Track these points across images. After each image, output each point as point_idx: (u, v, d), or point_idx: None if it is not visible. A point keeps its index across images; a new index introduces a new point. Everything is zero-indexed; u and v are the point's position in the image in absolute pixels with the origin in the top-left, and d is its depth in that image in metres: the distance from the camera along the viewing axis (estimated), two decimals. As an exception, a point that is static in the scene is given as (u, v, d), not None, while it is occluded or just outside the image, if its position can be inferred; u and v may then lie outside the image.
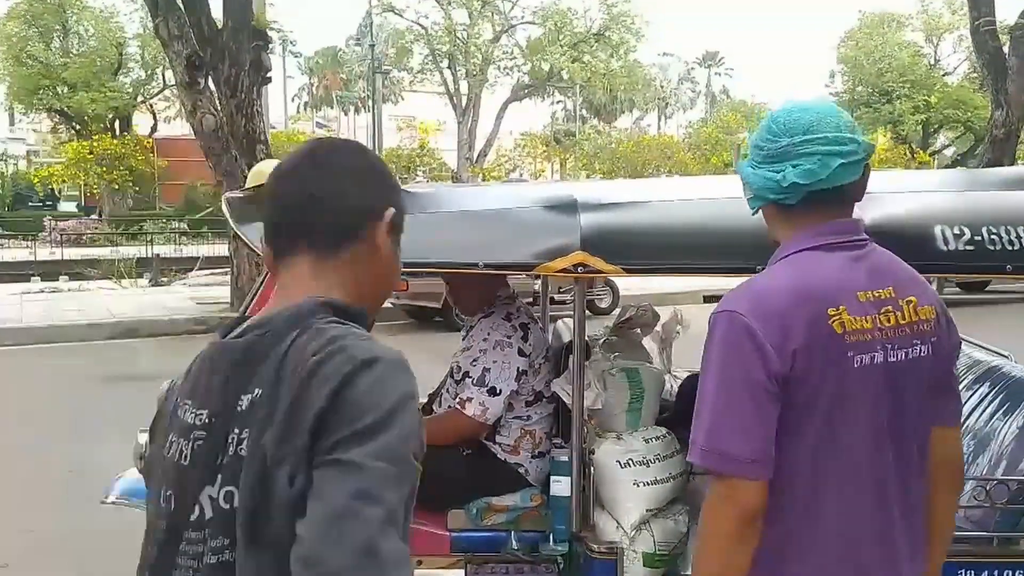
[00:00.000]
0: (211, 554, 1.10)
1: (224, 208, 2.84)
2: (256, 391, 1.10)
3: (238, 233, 2.68)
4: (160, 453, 1.20)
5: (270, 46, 11.81)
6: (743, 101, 49.67)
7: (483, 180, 29.82)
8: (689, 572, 2.81)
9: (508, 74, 33.87)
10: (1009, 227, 2.53)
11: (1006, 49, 13.38)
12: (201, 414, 1.15)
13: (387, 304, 11.28)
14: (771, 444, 1.54)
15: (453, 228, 2.76)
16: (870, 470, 1.61)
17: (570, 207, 2.71)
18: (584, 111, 46.43)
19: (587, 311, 10.91)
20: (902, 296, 1.64)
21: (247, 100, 10.70)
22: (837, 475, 1.59)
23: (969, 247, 2.51)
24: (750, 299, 1.59)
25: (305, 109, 53.64)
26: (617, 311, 3.77)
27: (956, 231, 2.53)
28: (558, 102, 45.19)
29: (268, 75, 11.36)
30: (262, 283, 2.78)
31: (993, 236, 2.52)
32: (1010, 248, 2.50)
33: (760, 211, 1.73)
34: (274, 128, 30.38)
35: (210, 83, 10.73)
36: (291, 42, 42.43)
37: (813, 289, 1.58)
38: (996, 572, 2.58)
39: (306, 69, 52.18)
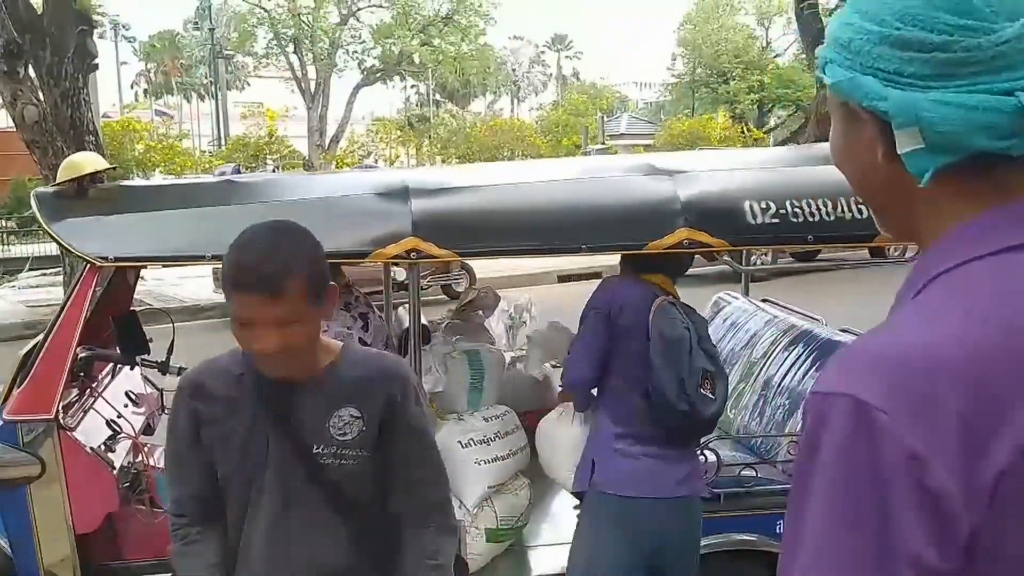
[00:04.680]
0: None
1: (33, 204, 2.68)
2: None
3: (49, 232, 2.54)
4: None
5: (98, 31, 11.07)
6: (592, 83, 50.84)
7: (336, 167, 29.20)
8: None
9: (357, 58, 33.27)
10: (810, 200, 2.73)
11: (826, 31, 14.29)
12: None
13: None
14: None
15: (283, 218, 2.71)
16: None
17: (401, 194, 2.72)
18: (438, 95, 46.23)
19: (445, 295, 10.97)
20: None
21: (72, 88, 10.07)
22: None
23: (774, 220, 2.71)
24: (890, 372, 0.74)
25: (145, 96, 50.93)
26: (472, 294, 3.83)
27: (763, 205, 2.72)
28: (412, 86, 44.77)
29: (95, 62, 10.71)
30: (80, 279, 2.64)
31: (796, 209, 2.72)
32: (811, 220, 2.71)
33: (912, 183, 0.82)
34: (109, 117, 28.69)
35: (31, 71, 10.04)
36: (123, 26, 40.18)
37: None
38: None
39: (142, 54, 49.49)
